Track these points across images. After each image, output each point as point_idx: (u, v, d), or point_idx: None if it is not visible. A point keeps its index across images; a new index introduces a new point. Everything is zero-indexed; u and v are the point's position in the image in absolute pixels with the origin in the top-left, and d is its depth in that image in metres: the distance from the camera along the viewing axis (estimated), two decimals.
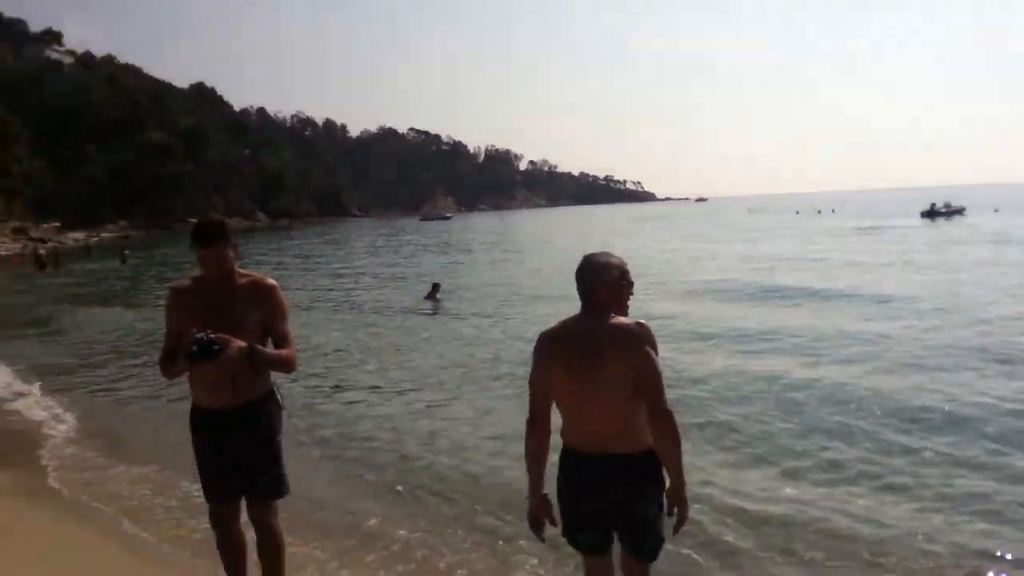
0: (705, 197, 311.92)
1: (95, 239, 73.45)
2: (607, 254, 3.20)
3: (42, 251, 42.51)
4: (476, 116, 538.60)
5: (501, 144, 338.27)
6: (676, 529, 3.16)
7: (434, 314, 17.79)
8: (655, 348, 3.00)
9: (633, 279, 3.20)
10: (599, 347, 3.01)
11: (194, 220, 3.44)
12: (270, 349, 3.58)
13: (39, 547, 4.87)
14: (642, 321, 3.06)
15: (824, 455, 6.81)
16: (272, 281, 3.69)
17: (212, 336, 3.28)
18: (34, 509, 5.62)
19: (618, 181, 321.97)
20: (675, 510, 3.12)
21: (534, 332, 3.23)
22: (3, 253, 53.01)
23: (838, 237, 41.46)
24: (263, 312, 3.59)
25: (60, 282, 30.90)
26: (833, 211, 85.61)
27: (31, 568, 4.48)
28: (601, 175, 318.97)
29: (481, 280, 25.94)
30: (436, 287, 20.61)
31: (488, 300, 19.83)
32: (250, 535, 3.82)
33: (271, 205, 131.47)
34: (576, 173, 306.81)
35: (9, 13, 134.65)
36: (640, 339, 2.99)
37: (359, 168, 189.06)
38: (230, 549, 3.82)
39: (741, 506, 5.60)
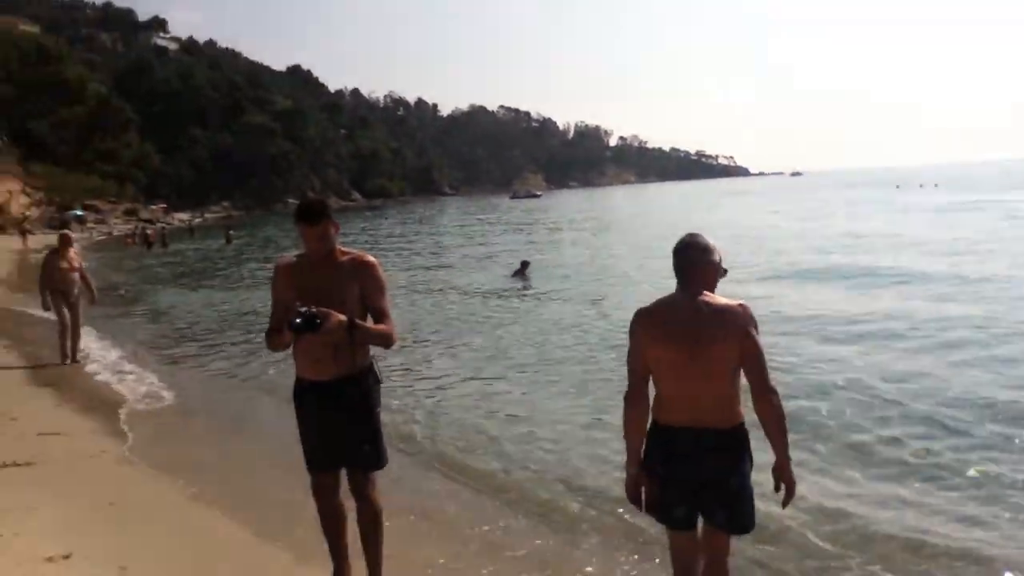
0: (800, 171, 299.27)
1: (198, 220, 76.52)
2: (704, 236, 3.31)
3: (149, 231, 44.49)
4: (566, 92, 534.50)
5: (591, 120, 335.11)
6: (785, 503, 3.25)
7: (522, 292, 17.96)
8: (757, 328, 3.12)
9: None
10: (704, 326, 3.11)
11: (292, 200, 3.64)
12: (369, 324, 3.73)
13: (148, 516, 5.22)
14: (744, 302, 3.16)
15: (911, 453, 6.45)
16: (372, 258, 3.83)
17: (315, 310, 3.44)
18: (137, 478, 5.99)
19: (710, 156, 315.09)
20: (782, 486, 3.20)
21: (622, 311, 3.37)
22: (116, 233, 55.94)
23: (943, 212, 39.51)
24: (363, 288, 3.72)
25: (166, 260, 32.48)
26: (936, 185, 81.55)
27: (145, 538, 4.82)
28: (692, 150, 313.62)
29: (569, 258, 25.95)
30: (525, 265, 20.76)
31: (576, 278, 19.82)
32: (350, 506, 3.96)
33: (365, 184, 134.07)
34: (667, 148, 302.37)
35: (119, 3, 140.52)
36: (745, 320, 3.10)
37: (450, 147, 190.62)
38: (330, 519, 3.98)
39: (824, 504, 5.39)
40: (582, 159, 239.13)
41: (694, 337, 3.11)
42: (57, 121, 76.09)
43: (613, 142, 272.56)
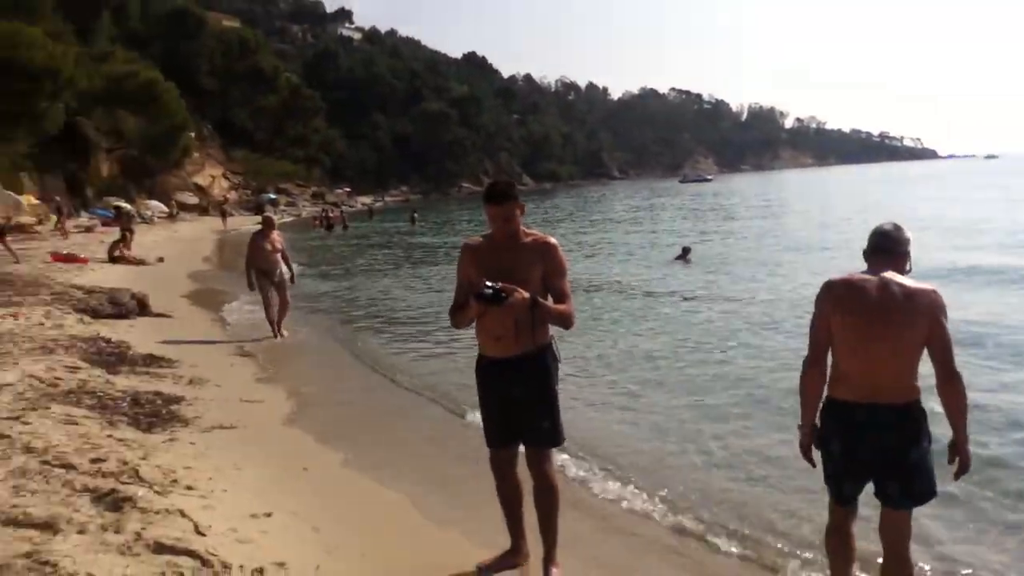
0: (995, 153, 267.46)
1: (379, 203, 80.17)
2: (902, 226, 3.48)
3: (331, 214, 47.02)
4: (739, 74, 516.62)
5: (766, 102, 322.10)
6: (957, 476, 3.43)
7: (683, 278, 17.71)
8: (946, 314, 3.24)
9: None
10: (895, 305, 3.24)
11: (467, 185, 3.84)
12: (550, 303, 3.84)
13: (337, 484, 5.63)
14: (936, 288, 3.29)
15: None
16: (554, 240, 3.94)
17: (500, 285, 3.59)
18: (328, 448, 6.39)
19: (893, 137, 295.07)
20: (956, 460, 3.37)
21: (787, 300, 3.36)
22: (304, 215, 59.62)
23: None
24: (545, 268, 3.83)
25: (350, 243, 34.30)
26: None
27: (335, 503, 5.21)
28: (875, 131, 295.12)
29: (736, 244, 25.22)
30: (687, 251, 20.51)
31: (741, 266, 19.20)
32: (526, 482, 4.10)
33: (536, 168, 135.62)
34: (847, 130, 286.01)
35: None
36: (937, 305, 3.22)
37: (619, 130, 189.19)
38: (508, 494, 4.15)
39: None
40: (756, 142, 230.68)
41: (884, 315, 3.23)
42: (254, 109, 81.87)
43: (789, 124, 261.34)
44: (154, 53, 63.98)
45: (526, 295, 3.63)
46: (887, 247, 3.41)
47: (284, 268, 11.43)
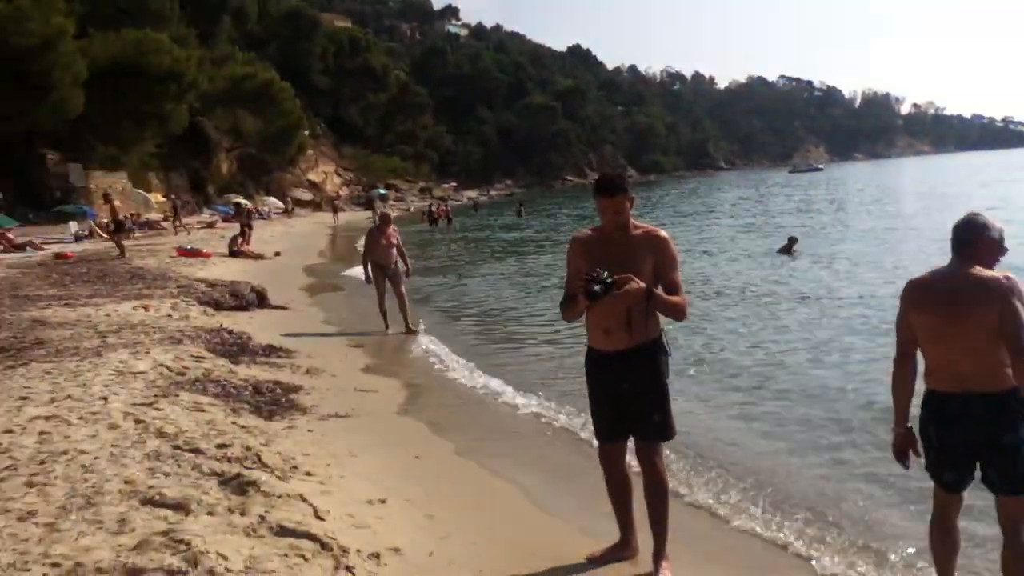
0: None
1: (483, 197, 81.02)
2: (984, 215, 3.48)
3: (434, 208, 47.81)
4: (850, 58, 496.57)
5: (879, 87, 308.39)
6: None
7: (787, 270, 17.23)
8: (1020, 297, 3.20)
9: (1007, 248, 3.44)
10: (962, 294, 3.28)
11: (570, 178, 3.83)
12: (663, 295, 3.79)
13: (448, 473, 5.71)
14: (1011, 275, 3.27)
15: None
16: (665, 233, 3.90)
17: (611, 277, 3.56)
18: (439, 438, 6.51)
19: (1019, 122, 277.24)
20: None
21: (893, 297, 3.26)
22: (412, 210, 60.83)
23: None
24: (656, 261, 3.79)
25: (454, 237, 34.82)
26: None
27: (446, 492, 5.29)
28: (999, 116, 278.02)
29: (846, 236, 24.27)
30: (792, 241, 19.95)
31: (850, 260, 18.35)
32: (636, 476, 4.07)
33: (640, 160, 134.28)
34: (968, 115, 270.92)
35: None
36: (1007, 289, 3.21)
37: (726, 120, 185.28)
38: (617, 487, 4.13)
39: None
40: (869, 129, 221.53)
41: (951, 305, 3.29)
42: (365, 106, 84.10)
43: (905, 109, 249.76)
44: (270, 54, 66.59)
45: (642, 284, 3.60)
46: (964, 239, 3.41)
47: (400, 262, 11.67)
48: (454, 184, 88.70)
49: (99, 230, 26.58)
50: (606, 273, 3.57)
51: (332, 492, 4.73)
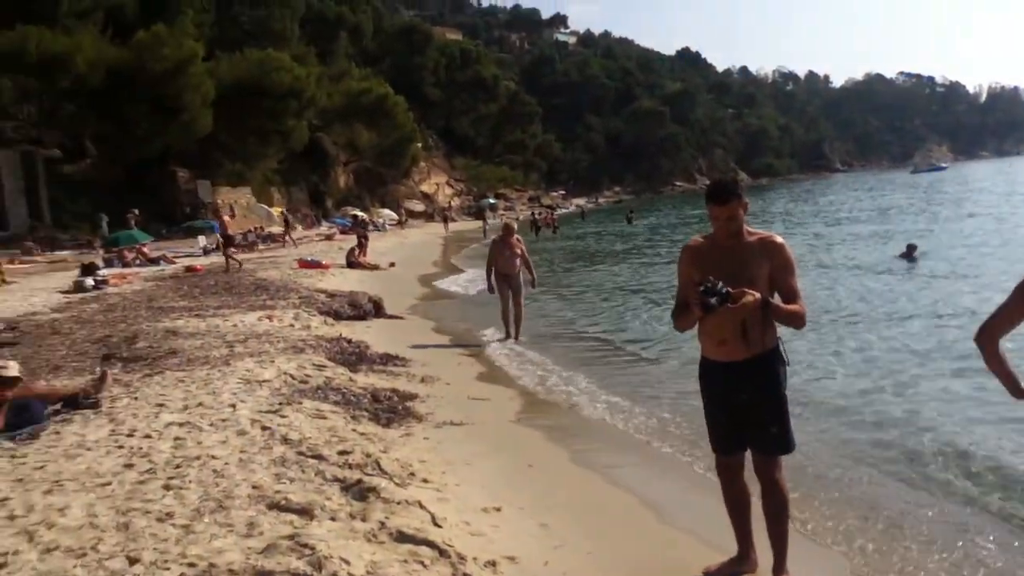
0: None
1: (591, 205, 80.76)
2: None
3: (538, 216, 47.86)
4: (977, 52, 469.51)
5: (1009, 80, 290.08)
6: None
7: (907, 277, 16.43)
8: None
9: None
10: None
11: (680, 183, 3.76)
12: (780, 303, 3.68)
13: (563, 482, 5.69)
14: None
15: None
16: (780, 239, 3.78)
17: (726, 288, 3.46)
18: (553, 448, 6.52)
19: None
20: None
21: None
22: (521, 219, 61.12)
23: None
24: (772, 266, 3.69)
25: (559, 244, 34.80)
26: None
27: (561, 500, 5.30)
28: None
29: (972, 241, 22.80)
30: (912, 248, 19.06)
31: (976, 267, 17.23)
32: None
33: (752, 163, 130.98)
34: None
35: (526, 4, 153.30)
36: None
37: (842, 119, 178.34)
38: (735, 501, 4.03)
39: None
40: (996, 125, 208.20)
41: None
42: (476, 117, 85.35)
43: None
44: (384, 68, 68.41)
45: (757, 296, 3.51)
46: None
47: (525, 272, 11.73)
48: (562, 192, 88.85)
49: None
50: (720, 283, 3.48)
51: (448, 499, 4.82)
